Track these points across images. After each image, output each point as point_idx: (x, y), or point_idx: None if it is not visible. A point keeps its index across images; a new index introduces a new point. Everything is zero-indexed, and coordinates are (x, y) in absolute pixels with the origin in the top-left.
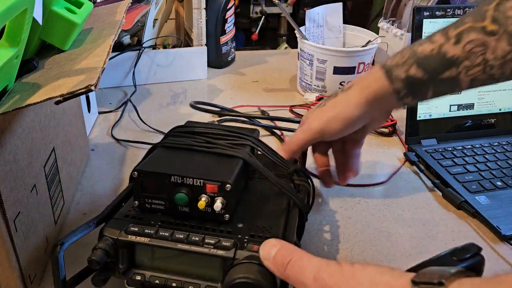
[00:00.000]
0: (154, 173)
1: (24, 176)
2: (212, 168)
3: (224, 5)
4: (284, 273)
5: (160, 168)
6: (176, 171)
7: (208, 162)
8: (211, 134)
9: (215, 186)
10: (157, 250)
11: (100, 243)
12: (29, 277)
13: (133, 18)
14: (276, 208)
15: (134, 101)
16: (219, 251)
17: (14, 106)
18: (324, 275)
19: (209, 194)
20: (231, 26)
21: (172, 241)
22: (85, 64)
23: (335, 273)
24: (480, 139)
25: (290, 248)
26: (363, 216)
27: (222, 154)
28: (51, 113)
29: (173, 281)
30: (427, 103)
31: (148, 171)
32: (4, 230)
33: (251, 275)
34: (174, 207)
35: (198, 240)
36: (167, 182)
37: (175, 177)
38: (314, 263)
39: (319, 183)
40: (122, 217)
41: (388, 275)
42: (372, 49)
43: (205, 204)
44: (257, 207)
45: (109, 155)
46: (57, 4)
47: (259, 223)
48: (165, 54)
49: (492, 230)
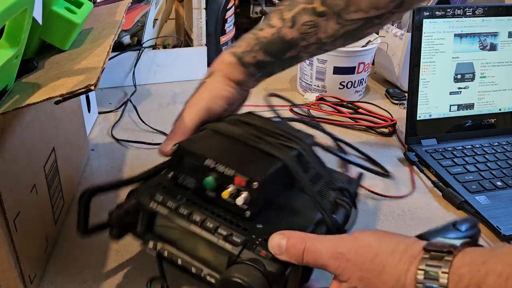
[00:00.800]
0: (191, 152)
1: (24, 176)
2: (248, 162)
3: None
4: (303, 261)
5: (198, 149)
6: (212, 155)
7: (248, 155)
8: (264, 129)
9: (244, 180)
10: (172, 225)
11: (125, 202)
12: (29, 277)
13: (133, 18)
14: (305, 220)
15: (134, 101)
16: (226, 244)
17: (14, 106)
18: (343, 251)
19: (236, 186)
20: (231, 26)
21: (188, 221)
22: (85, 64)
23: (352, 246)
24: (480, 139)
25: (299, 236)
26: (363, 216)
27: (265, 151)
28: (51, 113)
29: (180, 258)
30: (427, 104)
31: (186, 149)
32: (4, 230)
33: (247, 278)
34: (202, 189)
35: (211, 227)
36: (201, 163)
37: (209, 160)
38: (328, 243)
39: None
40: (154, 184)
41: (403, 243)
42: (372, 49)
43: (229, 195)
44: (286, 214)
45: (109, 155)
46: (57, 4)
47: (279, 229)
48: (165, 54)
49: (492, 230)
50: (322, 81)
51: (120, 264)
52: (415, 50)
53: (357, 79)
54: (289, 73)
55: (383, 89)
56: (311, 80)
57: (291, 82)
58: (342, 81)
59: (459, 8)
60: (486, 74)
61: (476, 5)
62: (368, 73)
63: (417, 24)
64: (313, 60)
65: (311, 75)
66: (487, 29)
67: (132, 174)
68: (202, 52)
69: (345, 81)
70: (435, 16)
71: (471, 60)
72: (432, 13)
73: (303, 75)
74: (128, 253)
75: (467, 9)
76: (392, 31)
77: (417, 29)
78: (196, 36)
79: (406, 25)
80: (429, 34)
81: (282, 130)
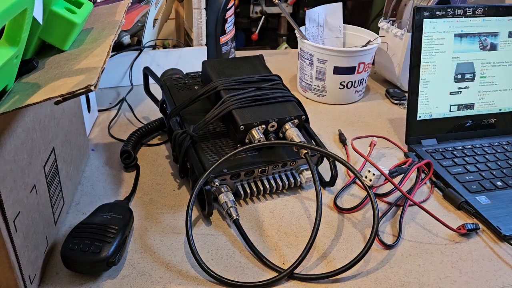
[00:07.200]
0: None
1: (24, 176)
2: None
3: (224, 5)
4: None
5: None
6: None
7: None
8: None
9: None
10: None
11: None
12: (29, 277)
13: (133, 18)
14: None
15: (135, 101)
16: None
17: (13, 106)
18: None
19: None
20: (231, 26)
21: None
22: (85, 64)
23: None
24: (480, 139)
25: None
26: (363, 216)
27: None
28: (51, 113)
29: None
30: (427, 104)
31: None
32: (4, 230)
33: None
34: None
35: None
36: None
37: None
38: None
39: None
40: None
41: None
42: (372, 49)
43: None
44: None
45: (109, 155)
46: (57, 4)
47: None
48: (165, 54)
49: (492, 230)
50: (322, 81)
51: (120, 264)
52: (415, 50)
53: (357, 79)
54: (289, 73)
55: (383, 89)
56: (311, 80)
57: (291, 82)
58: (342, 81)
59: (459, 8)
60: (486, 74)
61: (476, 5)
62: (368, 73)
63: (417, 24)
64: (313, 60)
65: (311, 75)
66: (487, 29)
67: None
68: (202, 52)
69: (345, 81)
70: (435, 16)
71: (471, 60)
72: (432, 13)
73: (303, 75)
74: (128, 253)
75: (467, 9)
76: (392, 31)
77: (417, 29)
78: (196, 36)
79: (406, 25)
80: (429, 34)
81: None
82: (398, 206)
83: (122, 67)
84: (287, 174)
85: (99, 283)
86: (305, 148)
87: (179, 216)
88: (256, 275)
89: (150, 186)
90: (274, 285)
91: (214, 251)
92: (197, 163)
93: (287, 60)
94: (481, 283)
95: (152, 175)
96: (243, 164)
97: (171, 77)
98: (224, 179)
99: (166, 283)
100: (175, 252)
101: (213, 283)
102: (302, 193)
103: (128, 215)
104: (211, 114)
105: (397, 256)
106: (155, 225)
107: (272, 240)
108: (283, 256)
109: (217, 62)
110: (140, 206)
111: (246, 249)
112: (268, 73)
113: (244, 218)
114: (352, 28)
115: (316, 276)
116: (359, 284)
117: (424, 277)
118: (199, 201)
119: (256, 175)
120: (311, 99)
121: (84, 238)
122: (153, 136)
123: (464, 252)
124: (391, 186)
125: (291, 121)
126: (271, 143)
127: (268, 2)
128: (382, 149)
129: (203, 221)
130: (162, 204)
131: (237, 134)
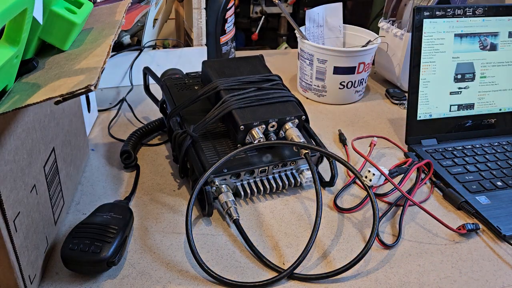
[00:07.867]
0: (250, 123)
1: (24, 176)
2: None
3: (224, 5)
4: None
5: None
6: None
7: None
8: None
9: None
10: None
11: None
12: (29, 277)
13: (133, 18)
14: None
15: (135, 101)
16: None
17: (13, 106)
18: None
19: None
20: (231, 26)
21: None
22: (85, 64)
23: None
24: (480, 139)
25: None
26: (363, 216)
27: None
28: (51, 113)
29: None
30: (427, 104)
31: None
32: (4, 230)
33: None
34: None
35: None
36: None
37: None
38: None
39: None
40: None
41: None
42: (372, 49)
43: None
44: None
45: (109, 155)
46: (57, 4)
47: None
48: (165, 54)
49: (492, 230)
50: (322, 81)
51: (120, 264)
52: (415, 50)
53: (357, 79)
54: (289, 73)
55: (383, 89)
56: (311, 80)
57: (291, 82)
58: (342, 81)
59: (459, 8)
60: (486, 74)
61: (476, 5)
62: (368, 73)
63: (417, 24)
64: (313, 60)
65: (311, 75)
66: (487, 29)
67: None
68: (202, 52)
69: (345, 81)
70: (435, 16)
71: (471, 60)
72: (432, 13)
73: (303, 75)
74: (128, 253)
75: (467, 9)
76: (392, 31)
77: (417, 29)
78: (196, 36)
79: (406, 25)
80: (429, 34)
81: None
82: (398, 206)
83: (122, 67)
84: (287, 174)
85: (99, 283)
86: (305, 148)
87: (179, 216)
88: (256, 275)
89: (150, 186)
90: (274, 285)
91: (214, 251)
92: (197, 163)
93: (287, 60)
94: (481, 283)
95: (152, 175)
96: (243, 164)
97: (171, 77)
98: (224, 179)
99: (166, 283)
100: (175, 252)
101: (213, 283)
102: (302, 193)
103: (128, 215)
104: (211, 114)
105: (397, 256)
106: (155, 225)
107: (272, 240)
108: (283, 256)
109: (217, 62)
110: (140, 206)
111: (246, 249)
112: (268, 73)
113: (244, 218)
114: (352, 28)
115: (316, 276)
116: (359, 284)
117: (424, 277)
118: (199, 201)
119: (256, 175)
120: (311, 99)
121: (84, 238)
122: (153, 136)
123: (464, 252)
124: (391, 186)
125: (291, 121)
126: (271, 143)
127: (268, 2)
128: (382, 149)
129: (203, 221)
130: (162, 204)
131: (237, 134)
